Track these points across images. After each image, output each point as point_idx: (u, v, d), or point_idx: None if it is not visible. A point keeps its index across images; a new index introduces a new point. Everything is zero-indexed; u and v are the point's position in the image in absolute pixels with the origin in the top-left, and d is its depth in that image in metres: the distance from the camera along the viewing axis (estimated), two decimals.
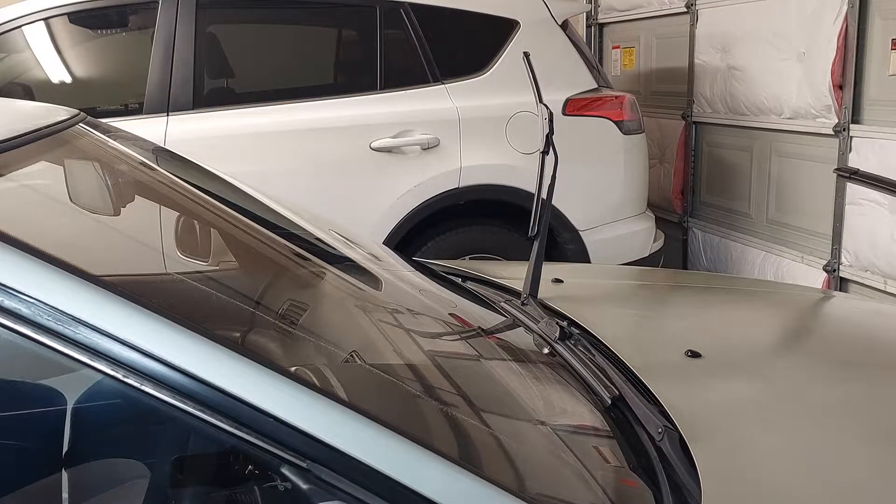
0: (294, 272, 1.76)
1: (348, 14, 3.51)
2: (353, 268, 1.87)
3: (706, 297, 2.12)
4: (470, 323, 1.74)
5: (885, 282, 3.18)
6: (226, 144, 3.23)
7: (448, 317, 1.76)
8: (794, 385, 1.47)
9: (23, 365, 1.14)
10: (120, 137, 1.97)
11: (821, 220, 3.50)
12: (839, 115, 3.30)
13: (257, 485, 0.99)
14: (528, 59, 1.97)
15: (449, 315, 1.78)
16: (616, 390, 1.34)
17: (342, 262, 1.88)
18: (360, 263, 1.90)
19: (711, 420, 1.29)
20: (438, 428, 1.17)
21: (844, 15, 3.21)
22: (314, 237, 1.93)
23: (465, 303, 1.80)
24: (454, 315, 1.78)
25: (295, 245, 1.87)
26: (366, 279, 1.85)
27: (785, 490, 1.12)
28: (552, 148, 1.74)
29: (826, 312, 2.13)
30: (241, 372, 0.90)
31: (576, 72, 3.55)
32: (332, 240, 1.94)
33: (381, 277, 1.89)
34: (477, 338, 1.65)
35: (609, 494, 1.13)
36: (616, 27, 5.15)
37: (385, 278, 1.88)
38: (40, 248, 0.92)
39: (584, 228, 3.54)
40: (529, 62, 1.95)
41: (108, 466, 1.21)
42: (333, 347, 1.37)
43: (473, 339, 1.64)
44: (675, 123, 4.44)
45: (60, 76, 3.51)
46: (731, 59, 3.95)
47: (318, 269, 1.81)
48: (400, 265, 1.96)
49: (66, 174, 1.59)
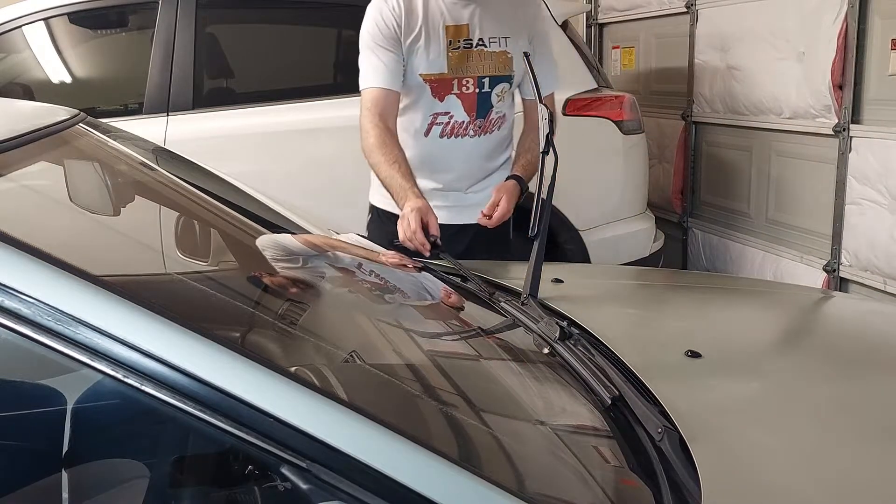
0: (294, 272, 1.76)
1: (348, 14, 3.50)
2: (352, 267, 1.87)
3: (706, 297, 2.12)
4: (470, 323, 1.74)
5: (884, 282, 3.18)
6: (226, 144, 3.23)
7: (448, 317, 1.76)
8: (794, 385, 1.47)
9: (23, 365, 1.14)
10: (120, 137, 1.97)
11: (820, 220, 3.50)
12: (839, 115, 3.30)
13: (257, 485, 0.99)
14: (528, 60, 1.99)
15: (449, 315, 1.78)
16: (616, 390, 1.34)
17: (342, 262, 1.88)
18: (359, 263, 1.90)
19: (711, 420, 1.29)
20: (438, 428, 1.17)
21: (844, 15, 3.21)
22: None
23: (464, 303, 1.80)
24: (454, 315, 1.78)
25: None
26: (366, 279, 1.85)
27: (785, 490, 1.12)
28: (552, 148, 1.74)
29: (826, 312, 2.14)
30: (241, 372, 0.90)
31: (576, 72, 3.55)
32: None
33: (380, 277, 1.89)
34: (477, 338, 1.65)
35: (609, 494, 1.13)
36: (616, 27, 5.15)
37: (385, 278, 1.88)
38: (40, 248, 0.92)
39: (583, 228, 3.54)
40: (529, 62, 1.97)
41: (108, 466, 1.21)
42: (333, 347, 1.37)
43: (473, 339, 1.64)
44: (675, 123, 4.44)
45: (60, 76, 3.51)
46: (730, 59, 3.95)
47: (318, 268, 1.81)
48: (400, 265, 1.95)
49: (66, 174, 1.59)
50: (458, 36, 2.23)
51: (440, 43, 2.21)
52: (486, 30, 2.24)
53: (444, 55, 2.21)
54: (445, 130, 2.26)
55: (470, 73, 2.24)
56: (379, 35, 2.20)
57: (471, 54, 2.23)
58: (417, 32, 2.20)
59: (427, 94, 2.24)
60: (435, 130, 2.27)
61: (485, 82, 2.25)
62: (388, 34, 2.19)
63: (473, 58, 2.23)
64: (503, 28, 2.26)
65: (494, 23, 2.25)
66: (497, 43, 2.25)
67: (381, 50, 2.19)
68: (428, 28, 2.21)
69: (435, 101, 2.25)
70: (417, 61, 2.21)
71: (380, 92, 2.18)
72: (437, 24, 2.21)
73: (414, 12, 2.21)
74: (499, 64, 2.26)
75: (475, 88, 2.25)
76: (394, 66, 2.19)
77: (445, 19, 2.22)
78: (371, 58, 2.21)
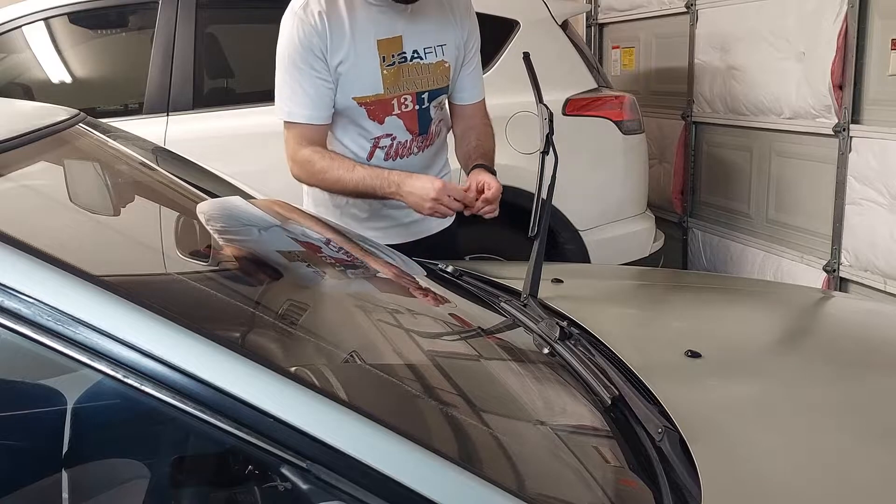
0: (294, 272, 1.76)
1: None
2: (353, 267, 1.87)
3: (706, 297, 2.12)
4: (470, 323, 1.74)
5: (884, 282, 3.18)
6: (226, 144, 3.23)
7: (448, 317, 1.76)
8: (793, 385, 1.47)
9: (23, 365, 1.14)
10: (120, 137, 1.97)
11: (821, 220, 3.50)
12: (839, 115, 3.30)
13: (257, 485, 0.99)
14: (529, 60, 1.96)
15: (449, 315, 1.78)
16: (616, 390, 1.34)
17: (342, 262, 1.88)
18: (360, 263, 1.90)
19: (711, 420, 1.29)
20: (438, 428, 1.17)
21: (844, 15, 3.21)
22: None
23: (465, 303, 1.80)
24: (454, 315, 1.78)
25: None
26: (366, 279, 1.85)
27: (785, 490, 1.12)
28: (552, 148, 1.74)
29: (826, 312, 2.14)
30: (241, 372, 0.90)
31: (576, 72, 3.55)
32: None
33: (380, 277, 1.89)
34: (477, 338, 1.65)
35: (609, 494, 1.13)
36: (616, 27, 5.15)
37: (385, 278, 1.88)
38: (40, 248, 0.92)
39: (583, 228, 3.54)
40: (530, 62, 1.95)
41: (108, 466, 1.21)
42: (333, 347, 1.37)
43: (473, 339, 1.64)
44: (675, 123, 4.44)
45: (60, 76, 3.51)
46: (730, 59, 3.95)
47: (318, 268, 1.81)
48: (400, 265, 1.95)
49: (66, 174, 1.59)
50: (391, 50, 1.96)
51: (373, 60, 1.95)
52: (419, 39, 2.00)
53: (378, 74, 1.96)
54: (390, 153, 2.06)
55: (408, 90, 2.01)
56: (299, 56, 1.90)
57: (407, 69, 1.99)
58: (347, 51, 1.92)
59: (363, 117, 2.00)
60: (378, 154, 2.06)
61: (424, 97, 2.04)
62: (310, 55, 1.90)
63: (410, 72, 1.99)
64: (437, 34, 2.03)
65: (428, 29, 2.01)
66: (433, 52, 2.01)
67: (305, 75, 1.91)
68: (357, 44, 1.93)
69: (374, 124, 2.02)
70: (348, 83, 1.95)
71: (307, 129, 1.96)
72: (368, 39, 1.94)
73: (340, 27, 1.91)
74: (437, 76, 2.05)
75: (414, 105, 2.03)
76: (322, 94, 1.93)
77: (377, 32, 1.95)
78: (292, 85, 1.93)
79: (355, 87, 1.96)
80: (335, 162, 1.95)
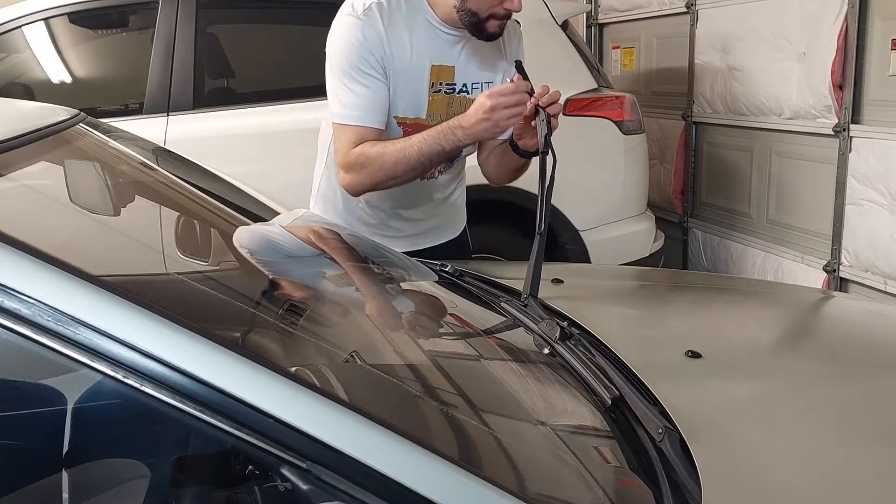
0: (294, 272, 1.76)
1: None
2: (353, 268, 1.87)
3: (706, 297, 2.12)
4: (470, 323, 1.74)
5: (885, 282, 3.18)
6: (226, 144, 3.23)
7: (448, 317, 1.76)
8: (794, 385, 1.47)
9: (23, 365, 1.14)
10: (120, 137, 1.97)
11: (821, 220, 3.50)
12: (839, 116, 3.30)
13: (257, 485, 0.99)
14: (522, 69, 1.84)
15: (449, 315, 1.78)
16: (616, 390, 1.34)
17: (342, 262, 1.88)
18: (360, 263, 1.90)
19: (711, 420, 1.29)
20: (439, 428, 1.17)
21: (844, 15, 3.21)
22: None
23: (465, 303, 1.80)
24: (454, 315, 1.78)
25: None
26: (366, 279, 1.85)
27: (785, 490, 1.12)
28: (551, 149, 1.74)
29: (826, 312, 2.14)
30: (241, 372, 0.90)
31: (576, 72, 3.55)
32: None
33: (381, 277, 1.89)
34: (477, 338, 1.65)
35: (609, 494, 1.13)
36: (616, 27, 5.15)
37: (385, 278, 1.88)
38: (40, 248, 0.92)
39: (584, 228, 3.54)
40: (523, 70, 1.83)
41: (108, 466, 1.21)
42: (333, 347, 1.37)
43: (473, 339, 1.64)
44: (675, 123, 4.44)
45: (60, 76, 3.51)
46: (731, 60, 3.95)
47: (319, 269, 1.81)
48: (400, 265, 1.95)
49: (66, 174, 1.59)
50: (441, 78, 1.91)
51: (423, 83, 1.90)
52: (471, 73, 1.94)
53: (425, 98, 1.91)
54: None
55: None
56: (358, 57, 1.85)
57: (452, 100, 1.93)
58: (402, 65, 1.87)
59: (400, 136, 1.92)
60: None
61: None
62: (372, 58, 1.85)
63: (454, 104, 1.93)
64: (487, 69, 1.97)
65: (480, 63, 1.95)
66: (479, 88, 1.94)
67: (364, 77, 1.85)
68: (413, 62, 1.88)
69: None
70: (395, 99, 1.89)
71: (362, 131, 1.86)
72: (423, 60, 1.89)
73: (400, 39, 1.87)
74: None
75: None
76: (380, 97, 1.87)
77: (432, 56, 1.90)
78: (350, 86, 1.86)
79: (399, 105, 1.91)
80: (388, 144, 1.85)
